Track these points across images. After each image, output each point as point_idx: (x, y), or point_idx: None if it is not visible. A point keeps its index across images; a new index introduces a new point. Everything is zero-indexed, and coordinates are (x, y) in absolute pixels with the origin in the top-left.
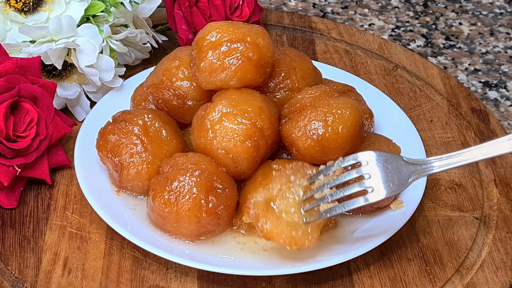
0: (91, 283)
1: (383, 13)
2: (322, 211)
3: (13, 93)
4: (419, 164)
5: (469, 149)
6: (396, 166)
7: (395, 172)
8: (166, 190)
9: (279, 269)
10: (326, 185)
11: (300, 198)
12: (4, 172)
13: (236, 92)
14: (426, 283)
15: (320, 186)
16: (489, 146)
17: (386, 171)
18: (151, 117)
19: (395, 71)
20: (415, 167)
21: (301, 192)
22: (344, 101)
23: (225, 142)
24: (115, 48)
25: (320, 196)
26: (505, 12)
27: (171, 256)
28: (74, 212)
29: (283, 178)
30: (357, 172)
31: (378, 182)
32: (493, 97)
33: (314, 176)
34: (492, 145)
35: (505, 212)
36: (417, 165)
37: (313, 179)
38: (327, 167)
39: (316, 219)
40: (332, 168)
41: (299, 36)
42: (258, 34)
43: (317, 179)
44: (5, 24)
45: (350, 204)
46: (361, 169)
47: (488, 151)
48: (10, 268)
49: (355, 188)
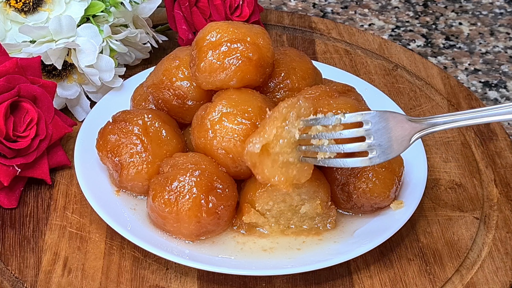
0: (91, 283)
1: (383, 13)
2: (319, 159)
3: (13, 93)
4: (421, 122)
5: (474, 111)
6: (398, 126)
7: (397, 132)
8: (166, 190)
9: (279, 269)
10: (325, 135)
11: (296, 139)
12: (4, 172)
13: (236, 92)
14: (426, 283)
15: (318, 134)
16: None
17: (388, 133)
18: (151, 117)
19: (395, 71)
20: (418, 124)
21: (297, 134)
22: (344, 101)
23: (225, 142)
24: (115, 48)
25: (318, 144)
26: (505, 12)
27: (171, 256)
28: (74, 212)
29: (278, 120)
30: (359, 132)
31: (380, 145)
32: (493, 97)
33: (312, 121)
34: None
35: (505, 212)
36: (420, 123)
37: (309, 123)
38: (326, 118)
39: (311, 162)
40: (331, 121)
41: (299, 36)
42: (258, 34)
43: (315, 126)
44: (5, 24)
45: (350, 162)
46: (362, 130)
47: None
48: (10, 268)
49: (355, 147)
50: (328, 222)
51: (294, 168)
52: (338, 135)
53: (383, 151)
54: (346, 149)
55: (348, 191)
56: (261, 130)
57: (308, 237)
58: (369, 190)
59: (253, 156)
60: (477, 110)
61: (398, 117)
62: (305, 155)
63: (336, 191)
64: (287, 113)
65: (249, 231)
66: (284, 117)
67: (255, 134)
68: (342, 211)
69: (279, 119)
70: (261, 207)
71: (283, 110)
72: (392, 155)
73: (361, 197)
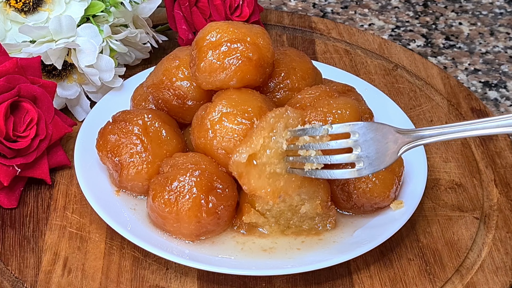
0: (91, 283)
1: (383, 13)
2: (306, 170)
3: (13, 93)
4: (409, 134)
5: (463, 123)
6: (386, 138)
7: (384, 144)
8: (166, 190)
9: (279, 269)
10: (312, 146)
11: (283, 150)
12: (4, 172)
13: (236, 92)
14: (426, 283)
15: (305, 145)
16: (484, 123)
17: (376, 144)
18: (151, 117)
19: (395, 71)
20: (406, 137)
21: (285, 145)
22: (344, 101)
23: (225, 142)
24: (115, 48)
25: (305, 155)
26: (505, 12)
27: (171, 256)
28: (74, 212)
29: (265, 130)
30: (346, 143)
31: (367, 156)
32: (493, 97)
33: (299, 131)
34: (487, 123)
35: (505, 212)
36: (408, 135)
37: (297, 134)
38: (313, 128)
39: (299, 174)
40: (319, 131)
41: (299, 36)
42: (258, 34)
43: (302, 136)
44: (5, 24)
45: (337, 174)
46: (350, 141)
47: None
48: (10, 268)
49: (343, 159)
50: (328, 222)
51: (282, 179)
52: (326, 146)
53: (370, 163)
54: (334, 160)
55: (348, 191)
56: (248, 140)
57: (308, 237)
58: (369, 190)
59: (240, 166)
60: (466, 123)
61: (386, 129)
62: (292, 166)
63: (336, 191)
64: (274, 123)
65: (249, 231)
66: (271, 127)
67: (241, 144)
68: (342, 211)
69: (266, 129)
70: (261, 207)
71: (271, 120)
72: (380, 167)
73: (361, 197)
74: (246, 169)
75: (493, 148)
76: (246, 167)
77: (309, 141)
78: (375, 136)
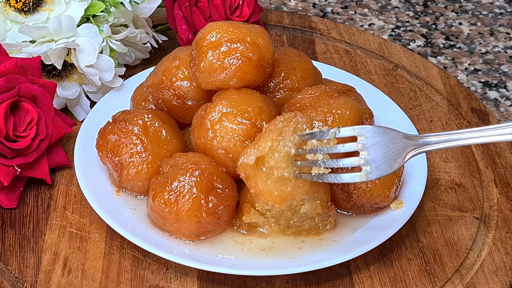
0: (91, 283)
1: (383, 13)
2: (313, 174)
3: (13, 93)
4: (416, 139)
5: (469, 130)
6: (393, 142)
7: (391, 148)
8: (166, 190)
9: (279, 269)
10: (320, 150)
11: (291, 154)
12: (4, 172)
13: (236, 92)
14: (426, 283)
15: (313, 149)
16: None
17: (383, 148)
18: (151, 117)
19: (395, 71)
20: (412, 142)
21: (293, 149)
22: (344, 101)
23: (225, 142)
24: (115, 48)
25: (313, 159)
26: (505, 12)
27: (171, 256)
28: (74, 212)
29: (274, 133)
30: (353, 147)
31: (374, 160)
32: (493, 97)
33: (307, 135)
34: (494, 131)
35: (505, 212)
36: (415, 140)
37: (305, 138)
38: (321, 132)
39: (306, 178)
40: (326, 135)
41: (299, 36)
42: (258, 34)
43: (310, 140)
44: (5, 24)
45: (345, 178)
46: (357, 144)
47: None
48: (10, 268)
49: (350, 163)
50: (328, 222)
51: (289, 184)
52: (333, 149)
53: (377, 167)
54: (341, 164)
55: (348, 191)
56: (256, 142)
57: (308, 237)
58: (369, 190)
59: (247, 168)
60: (473, 130)
61: (393, 133)
62: (300, 171)
63: (336, 191)
64: (283, 127)
65: (249, 231)
66: (280, 131)
67: (250, 146)
68: (342, 211)
69: (275, 132)
70: (261, 207)
71: (279, 124)
72: (387, 171)
73: (361, 197)
74: (254, 171)
75: (493, 148)
76: (253, 170)
77: (316, 145)
78: (382, 140)
